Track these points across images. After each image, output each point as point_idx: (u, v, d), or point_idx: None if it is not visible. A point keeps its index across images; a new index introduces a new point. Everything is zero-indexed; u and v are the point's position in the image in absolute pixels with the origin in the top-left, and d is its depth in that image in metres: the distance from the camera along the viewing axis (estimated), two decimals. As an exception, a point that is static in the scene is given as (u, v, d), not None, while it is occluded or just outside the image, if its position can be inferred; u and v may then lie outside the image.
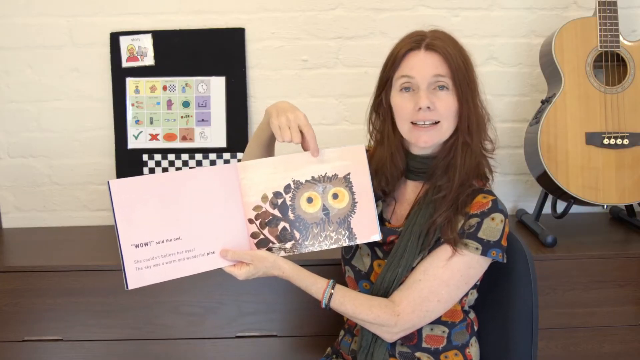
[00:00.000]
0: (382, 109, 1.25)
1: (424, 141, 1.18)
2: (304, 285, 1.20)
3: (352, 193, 1.23)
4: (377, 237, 1.22)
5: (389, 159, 1.25)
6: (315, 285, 1.20)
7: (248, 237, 1.23)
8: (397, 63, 1.19)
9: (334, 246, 1.24)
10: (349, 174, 1.24)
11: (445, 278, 1.15)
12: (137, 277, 1.14)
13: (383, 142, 1.27)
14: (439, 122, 1.17)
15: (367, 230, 1.23)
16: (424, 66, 1.16)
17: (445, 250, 1.17)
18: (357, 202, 1.24)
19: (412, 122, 1.19)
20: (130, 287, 1.13)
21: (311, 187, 1.23)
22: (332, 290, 1.19)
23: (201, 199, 1.20)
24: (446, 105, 1.16)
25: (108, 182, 1.13)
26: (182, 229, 1.18)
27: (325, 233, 1.23)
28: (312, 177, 1.23)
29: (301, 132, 1.19)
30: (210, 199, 1.20)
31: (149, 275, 1.15)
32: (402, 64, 1.19)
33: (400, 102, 1.19)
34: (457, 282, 1.16)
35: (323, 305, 1.19)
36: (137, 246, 1.14)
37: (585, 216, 1.99)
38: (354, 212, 1.23)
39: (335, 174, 1.23)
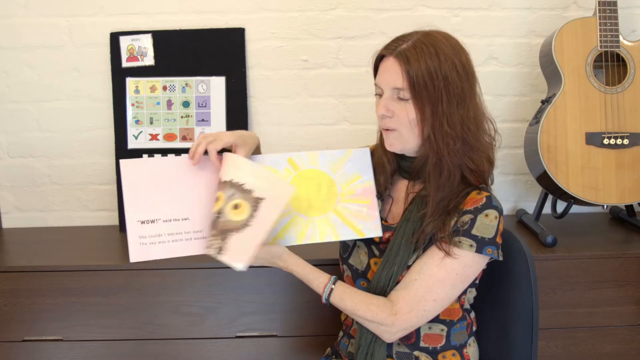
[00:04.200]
0: None
1: (389, 145, 1.21)
2: (306, 279, 1.22)
3: (252, 216, 1.16)
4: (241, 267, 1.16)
5: (379, 157, 1.29)
6: (317, 280, 1.22)
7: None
8: (375, 68, 1.22)
9: (203, 252, 1.19)
10: (262, 199, 1.18)
11: (441, 277, 1.15)
12: (140, 251, 1.18)
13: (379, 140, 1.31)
14: (395, 129, 1.18)
15: (235, 255, 1.15)
16: (386, 76, 1.17)
17: (439, 248, 1.17)
18: (248, 226, 1.16)
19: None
20: (132, 260, 1.17)
21: (223, 187, 1.19)
22: (333, 286, 1.20)
23: (207, 184, 1.23)
24: (403, 115, 1.16)
25: (119, 161, 1.19)
26: (191, 210, 1.21)
27: (208, 234, 1.19)
28: (231, 180, 1.19)
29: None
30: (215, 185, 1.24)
31: (153, 250, 1.19)
32: (377, 70, 1.21)
33: (375, 104, 1.23)
34: (453, 281, 1.16)
35: (323, 300, 1.21)
36: (143, 222, 1.19)
37: (585, 216, 1.99)
38: (239, 232, 1.16)
39: (250, 190, 1.18)
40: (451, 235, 1.15)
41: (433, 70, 1.12)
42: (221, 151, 1.22)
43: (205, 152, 1.20)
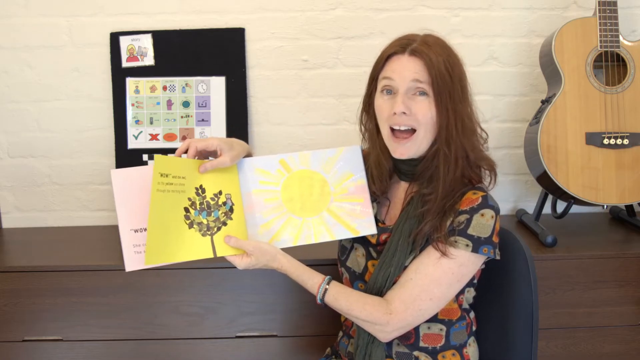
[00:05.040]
0: (371, 109, 1.26)
1: (400, 153, 1.20)
2: (301, 280, 1.22)
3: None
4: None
5: (375, 161, 1.27)
6: (312, 280, 1.22)
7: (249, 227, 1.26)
8: (382, 65, 1.20)
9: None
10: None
11: (437, 276, 1.15)
12: (135, 260, 1.17)
13: (371, 143, 1.29)
14: (414, 130, 1.17)
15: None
16: (404, 70, 1.16)
17: (436, 249, 1.16)
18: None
19: (390, 128, 1.19)
20: (128, 270, 1.16)
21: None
22: (327, 286, 1.21)
23: None
24: (423, 112, 1.15)
25: (110, 171, 1.18)
26: None
27: None
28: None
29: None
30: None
31: None
32: (385, 66, 1.20)
33: (380, 104, 1.20)
34: (449, 280, 1.16)
35: (318, 301, 1.21)
36: (136, 231, 1.18)
37: (585, 216, 1.99)
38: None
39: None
40: (447, 236, 1.15)
41: (451, 68, 1.14)
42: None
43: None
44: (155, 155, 1.16)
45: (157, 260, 1.15)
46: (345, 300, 1.19)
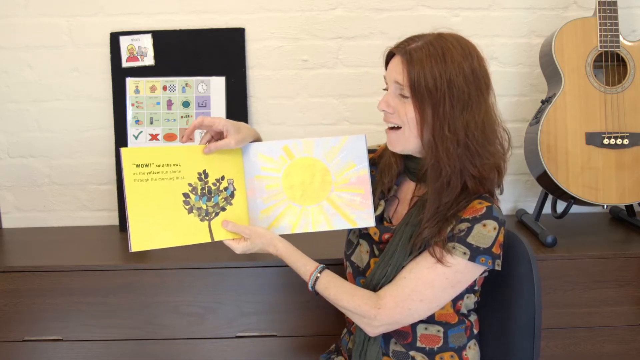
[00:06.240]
0: None
1: (389, 144, 1.21)
2: (295, 266, 1.24)
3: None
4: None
5: (386, 157, 1.29)
6: (305, 267, 1.24)
7: (251, 212, 1.28)
8: (386, 64, 1.23)
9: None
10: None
11: (430, 279, 1.15)
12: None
13: None
14: (400, 127, 1.18)
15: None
16: (391, 71, 1.18)
17: (432, 255, 1.16)
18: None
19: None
20: (132, 250, 1.16)
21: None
22: (319, 274, 1.22)
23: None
24: (404, 112, 1.16)
25: (120, 149, 1.18)
26: None
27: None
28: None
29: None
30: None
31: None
32: (387, 65, 1.22)
33: None
34: (442, 285, 1.15)
35: (309, 288, 1.23)
36: None
37: (585, 216, 1.99)
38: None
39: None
40: (445, 241, 1.14)
41: (437, 73, 1.11)
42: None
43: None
44: (122, 149, 1.17)
45: (146, 246, 1.16)
46: (335, 290, 1.20)
